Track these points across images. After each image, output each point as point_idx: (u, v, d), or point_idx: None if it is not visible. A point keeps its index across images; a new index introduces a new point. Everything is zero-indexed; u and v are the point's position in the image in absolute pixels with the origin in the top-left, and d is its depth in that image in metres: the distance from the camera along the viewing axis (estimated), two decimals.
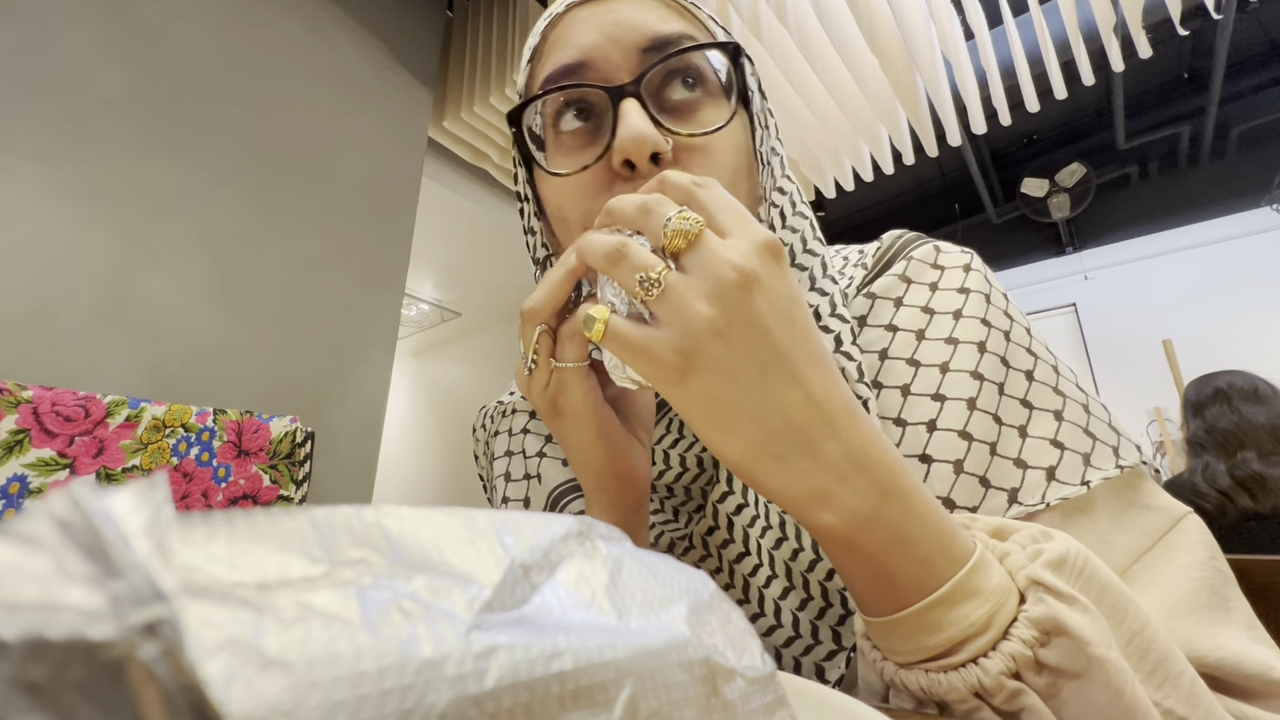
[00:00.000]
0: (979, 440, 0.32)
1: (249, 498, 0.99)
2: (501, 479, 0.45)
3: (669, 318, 0.24)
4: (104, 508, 0.08)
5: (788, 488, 0.24)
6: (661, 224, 0.25)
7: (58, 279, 0.91)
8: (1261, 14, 2.55)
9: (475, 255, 2.56)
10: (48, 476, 0.80)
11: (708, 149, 0.33)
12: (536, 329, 0.30)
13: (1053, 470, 0.31)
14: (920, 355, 0.35)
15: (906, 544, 0.23)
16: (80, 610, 0.07)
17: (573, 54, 0.34)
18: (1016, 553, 0.24)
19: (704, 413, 0.24)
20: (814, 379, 0.24)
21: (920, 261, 0.39)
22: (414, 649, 0.09)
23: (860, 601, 0.25)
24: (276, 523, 0.10)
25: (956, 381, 0.34)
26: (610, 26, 0.33)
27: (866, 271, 0.40)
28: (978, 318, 0.35)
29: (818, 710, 0.20)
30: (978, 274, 0.38)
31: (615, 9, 0.34)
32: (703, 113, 0.34)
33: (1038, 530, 0.25)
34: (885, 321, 0.37)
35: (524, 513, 0.14)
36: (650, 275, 0.24)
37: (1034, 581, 0.23)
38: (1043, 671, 0.22)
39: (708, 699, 0.13)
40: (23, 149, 0.90)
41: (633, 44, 0.33)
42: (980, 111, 1.79)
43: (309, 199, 1.26)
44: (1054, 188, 3.37)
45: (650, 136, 0.31)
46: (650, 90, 0.33)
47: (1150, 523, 0.30)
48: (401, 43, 1.55)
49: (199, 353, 1.05)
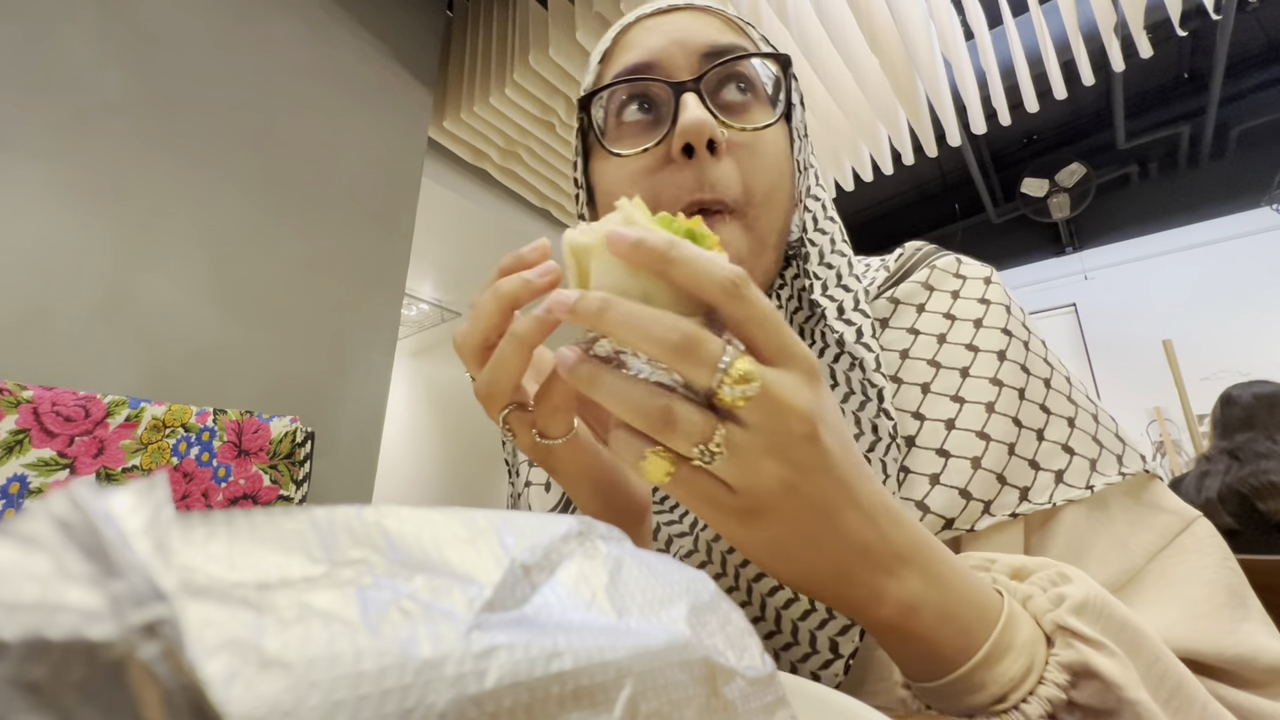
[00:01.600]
0: (997, 440, 0.34)
1: (249, 498, 0.99)
2: (526, 464, 0.48)
3: (736, 478, 0.22)
4: (104, 508, 0.08)
5: (844, 596, 0.24)
6: (713, 380, 0.21)
7: (58, 279, 0.91)
8: (1261, 14, 2.55)
9: (475, 255, 2.56)
10: (48, 476, 0.80)
11: (755, 146, 0.36)
12: (501, 412, 0.27)
13: (1061, 474, 0.33)
14: (941, 357, 0.37)
15: (948, 619, 0.24)
16: (80, 610, 0.07)
17: (641, 54, 0.38)
18: (1038, 596, 0.26)
19: (766, 551, 0.24)
20: (876, 505, 0.24)
21: (943, 271, 0.41)
22: (414, 649, 0.09)
23: (905, 671, 0.26)
24: (276, 523, 0.10)
25: (976, 386, 0.35)
26: (675, 33, 0.38)
27: (889, 275, 0.42)
28: (998, 327, 0.37)
29: (818, 710, 0.20)
30: (998, 287, 0.40)
31: (680, 21, 0.38)
32: (753, 113, 0.37)
33: (1055, 572, 0.27)
34: (907, 325, 0.39)
35: (524, 513, 0.14)
36: (711, 447, 0.21)
37: (1060, 627, 0.24)
38: (1074, 710, 0.23)
39: (708, 699, 0.13)
40: (23, 149, 0.90)
41: (695, 49, 0.37)
42: (980, 112, 1.79)
43: (309, 199, 1.26)
44: (1054, 188, 3.37)
45: (709, 122, 0.34)
46: (708, 89, 0.36)
47: (1163, 524, 0.32)
48: (402, 43, 1.55)
49: (199, 353, 1.05)
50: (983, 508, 0.33)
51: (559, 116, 1.75)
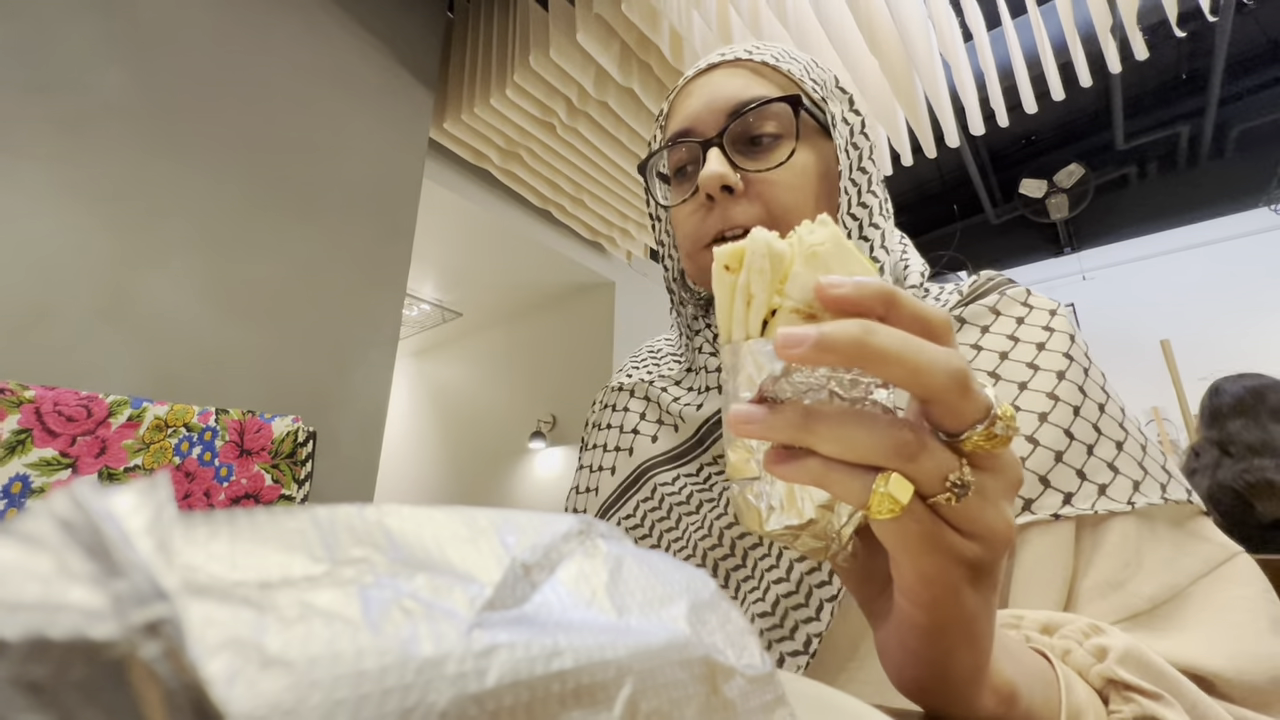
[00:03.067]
0: (1045, 446, 0.35)
1: (251, 497, 0.99)
2: (599, 449, 0.53)
3: (973, 521, 0.20)
4: (106, 507, 0.08)
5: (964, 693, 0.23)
6: (987, 415, 0.19)
7: (59, 279, 0.91)
8: (1260, 14, 2.55)
9: (476, 255, 2.56)
10: (50, 476, 0.80)
11: (775, 180, 0.41)
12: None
13: (1104, 488, 0.34)
14: (1001, 371, 0.39)
15: (1030, 694, 0.24)
16: (82, 610, 0.07)
17: (681, 122, 0.44)
18: (1076, 650, 0.26)
19: (965, 626, 0.21)
20: None
21: (1011, 299, 0.43)
22: (415, 648, 0.09)
23: None
24: (278, 522, 0.10)
25: (1032, 399, 0.37)
26: (706, 96, 0.43)
27: (961, 298, 0.44)
28: (1060, 352, 0.38)
29: (817, 709, 0.20)
30: (1064, 318, 0.41)
31: (713, 81, 0.44)
32: (775, 152, 0.42)
33: (1086, 624, 0.27)
34: (971, 341, 0.41)
35: (524, 512, 0.14)
36: (961, 479, 0.19)
37: (1111, 680, 0.25)
38: None
39: (708, 697, 0.13)
40: (23, 149, 0.90)
41: (720, 108, 0.42)
42: (979, 112, 1.79)
43: (311, 199, 1.26)
44: (1052, 188, 3.37)
45: (719, 173, 0.40)
46: (732, 139, 0.42)
47: (1207, 553, 0.33)
48: (402, 44, 1.55)
49: (201, 353, 1.05)
50: (1023, 504, 0.34)
51: (559, 118, 1.75)
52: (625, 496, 0.48)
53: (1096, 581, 0.32)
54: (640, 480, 0.47)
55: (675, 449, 0.46)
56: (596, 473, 0.52)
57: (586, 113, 1.77)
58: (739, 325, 0.22)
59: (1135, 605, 0.31)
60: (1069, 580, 0.33)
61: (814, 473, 0.19)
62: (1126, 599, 0.31)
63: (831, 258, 0.21)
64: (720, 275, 0.22)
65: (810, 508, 0.22)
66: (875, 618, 0.25)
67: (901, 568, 0.21)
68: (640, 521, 0.47)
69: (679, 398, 0.48)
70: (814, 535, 0.22)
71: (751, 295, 0.21)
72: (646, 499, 0.46)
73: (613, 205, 2.23)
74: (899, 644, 0.23)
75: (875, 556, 0.24)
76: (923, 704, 0.24)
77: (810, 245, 0.21)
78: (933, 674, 0.22)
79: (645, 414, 0.51)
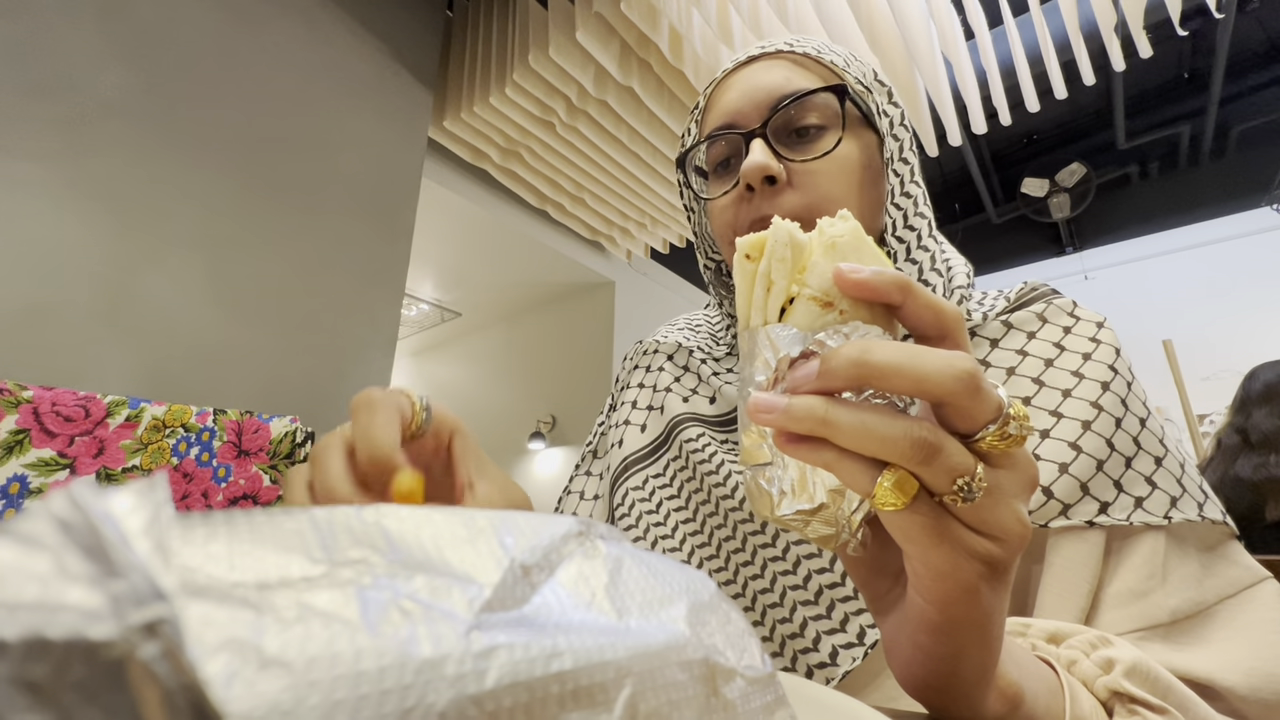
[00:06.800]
0: (1087, 454, 0.35)
1: (249, 498, 0.99)
2: (628, 406, 0.53)
3: (984, 520, 0.20)
4: (104, 508, 0.08)
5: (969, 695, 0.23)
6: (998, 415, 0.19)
7: (58, 279, 0.91)
8: (1261, 14, 2.55)
9: (475, 255, 2.56)
10: (48, 476, 0.80)
11: (816, 171, 0.40)
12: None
13: (1141, 500, 0.34)
14: (1045, 378, 0.39)
15: (1035, 700, 0.24)
16: (80, 610, 0.07)
17: (720, 116, 0.44)
18: (1082, 661, 0.26)
19: (978, 629, 0.21)
20: None
21: (1059, 308, 0.42)
22: (414, 649, 0.09)
23: None
24: (276, 523, 0.10)
25: (1076, 406, 0.37)
26: (746, 89, 0.43)
27: (1008, 304, 0.44)
28: (1106, 363, 0.38)
29: (818, 710, 0.20)
30: (1110, 332, 0.41)
31: (753, 74, 0.43)
32: (819, 143, 0.41)
33: (1094, 635, 0.27)
34: (1017, 347, 0.41)
35: (523, 513, 0.14)
36: (973, 482, 0.19)
37: (1116, 693, 0.24)
38: None
39: (708, 699, 0.13)
40: (23, 149, 0.90)
41: (762, 101, 0.42)
42: (980, 111, 1.78)
43: (309, 199, 1.26)
44: (1054, 188, 3.37)
45: (760, 164, 0.39)
46: (775, 131, 0.41)
47: (1235, 576, 0.33)
48: (402, 43, 1.55)
49: (199, 353, 1.05)
50: (1060, 509, 0.34)
51: (559, 116, 1.75)
52: (657, 454, 0.48)
53: (1120, 590, 0.32)
54: (672, 435, 0.48)
55: (710, 416, 0.47)
56: (621, 427, 0.52)
57: (586, 111, 1.77)
58: (757, 311, 0.22)
59: (1156, 616, 0.31)
60: (1094, 588, 0.33)
61: (826, 458, 0.20)
62: (1147, 609, 0.31)
63: (850, 250, 0.22)
64: (741, 264, 0.23)
65: (821, 492, 0.22)
66: (881, 614, 0.25)
67: (913, 561, 0.21)
68: (670, 480, 0.47)
69: (719, 373, 0.48)
70: (824, 521, 0.22)
71: (771, 282, 0.22)
72: (675, 457, 0.47)
73: (612, 204, 2.23)
74: (909, 640, 0.23)
75: (886, 549, 0.24)
76: (928, 704, 0.23)
77: (830, 236, 0.22)
78: (941, 672, 0.22)
79: (681, 380, 0.51)
